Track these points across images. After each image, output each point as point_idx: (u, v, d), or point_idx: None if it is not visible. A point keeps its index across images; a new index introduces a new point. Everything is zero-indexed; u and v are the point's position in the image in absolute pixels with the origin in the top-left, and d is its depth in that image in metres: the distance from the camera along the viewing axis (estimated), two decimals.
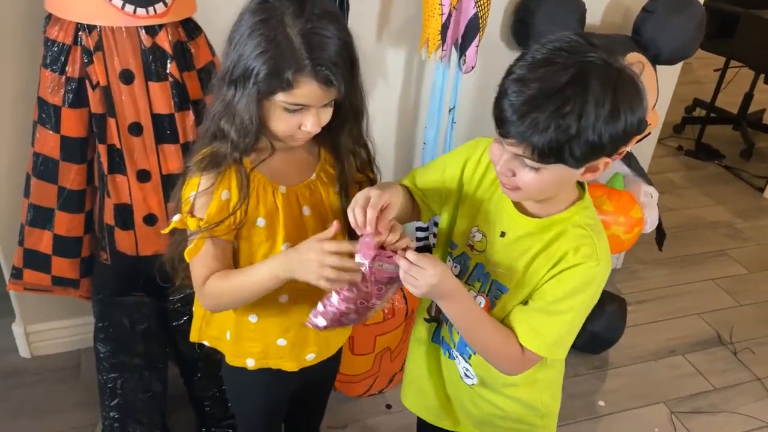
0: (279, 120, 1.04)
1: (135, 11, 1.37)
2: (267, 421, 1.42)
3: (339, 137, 1.15)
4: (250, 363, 1.23)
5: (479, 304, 1.12)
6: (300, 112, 1.03)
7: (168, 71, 1.45)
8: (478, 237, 1.14)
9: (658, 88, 2.04)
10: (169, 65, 1.44)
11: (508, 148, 0.95)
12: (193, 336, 1.30)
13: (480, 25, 1.79)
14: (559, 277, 1.04)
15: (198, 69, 1.51)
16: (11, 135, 1.72)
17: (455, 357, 1.21)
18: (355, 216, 0.97)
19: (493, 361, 1.11)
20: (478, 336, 1.09)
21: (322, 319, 1.04)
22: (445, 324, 1.23)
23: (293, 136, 1.07)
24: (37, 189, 1.56)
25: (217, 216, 1.07)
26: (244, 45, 0.99)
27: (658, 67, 2.06)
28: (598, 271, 1.04)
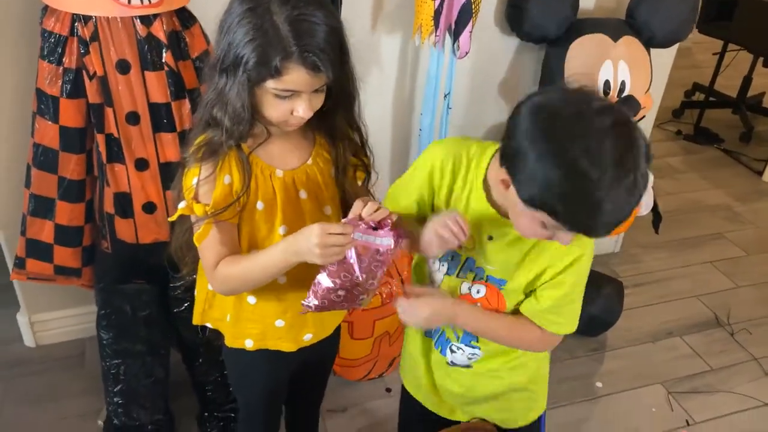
0: (271, 106, 1.06)
1: (130, 1, 1.39)
2: (267, 404, 1.44)
3: (333, 121, 1.17)
4: (249, 344, 1.26)
5: (478, 292, 1.16)
6: (291, 98, 1.05)
7: (163, 60, 1.47)
8: None
9: (651, 71, 2.04)
10: (164, 54, 1.47)
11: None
12: (196, 319, 1.32)
13: (473, 10, 1.80)
14: (557, 280, 1.11)
15: (193, 58, 1.53)
16: (11, 126, 1.75)
17: (456, 350, 1.25)
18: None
19: (518, 347, 1.22)
20: (496, 336, 1.19)
21: (313, 299, 1.07)
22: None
23: (287, 122, 1.09)
24: (37, 179, 1.59)
25: (223, 201, 1.09)
26: (233, 33, 1.01)
27: (652, 50, 2.07)
28: (588, 254, 1.12)
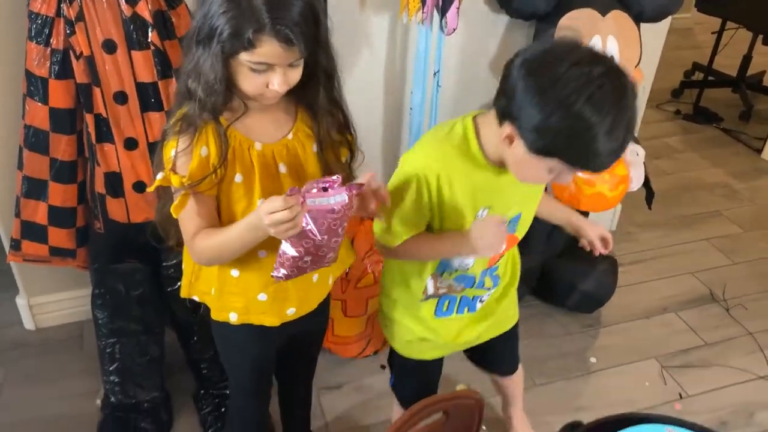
0: (246, 79, 1.07)
1: None
2: (256, 378, 1.45)
3: (314, 96, 1.18)
4: (233, 317, 1.27)
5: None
6: (266, 71, 1.06)
7: (149, 40, 1.48)
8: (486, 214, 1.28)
9: (641, 46, 2.04)
10: (150, 34, 1.48)
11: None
12: (184, 291, 1.33)
13: None
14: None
15: (180, 37, 1.54)
16: (3, 108, 1.76)
17: (483, 300, 1.42)
18: None
19: None
20: None
21: (282, 269, 1.10)
22: (469, 288, 1.37)
23: (263, 95, 1.10)
24: (29, 161, 1.61)
25: (199, 172, 1.11)
26: (209, 5, 1.03)
27: (648, 30, 2.06)
28: None
